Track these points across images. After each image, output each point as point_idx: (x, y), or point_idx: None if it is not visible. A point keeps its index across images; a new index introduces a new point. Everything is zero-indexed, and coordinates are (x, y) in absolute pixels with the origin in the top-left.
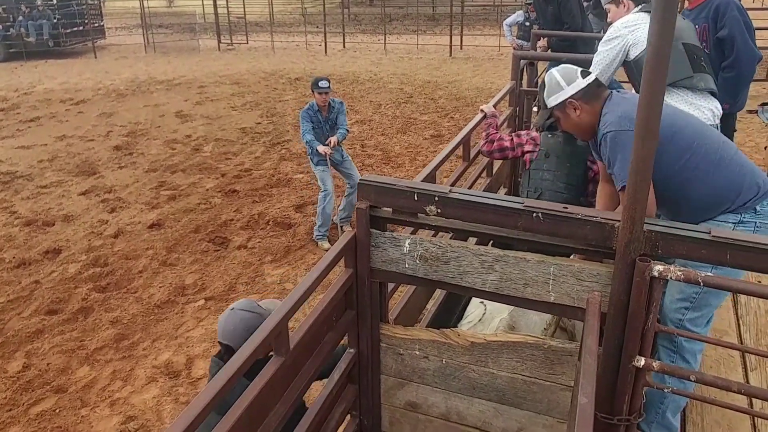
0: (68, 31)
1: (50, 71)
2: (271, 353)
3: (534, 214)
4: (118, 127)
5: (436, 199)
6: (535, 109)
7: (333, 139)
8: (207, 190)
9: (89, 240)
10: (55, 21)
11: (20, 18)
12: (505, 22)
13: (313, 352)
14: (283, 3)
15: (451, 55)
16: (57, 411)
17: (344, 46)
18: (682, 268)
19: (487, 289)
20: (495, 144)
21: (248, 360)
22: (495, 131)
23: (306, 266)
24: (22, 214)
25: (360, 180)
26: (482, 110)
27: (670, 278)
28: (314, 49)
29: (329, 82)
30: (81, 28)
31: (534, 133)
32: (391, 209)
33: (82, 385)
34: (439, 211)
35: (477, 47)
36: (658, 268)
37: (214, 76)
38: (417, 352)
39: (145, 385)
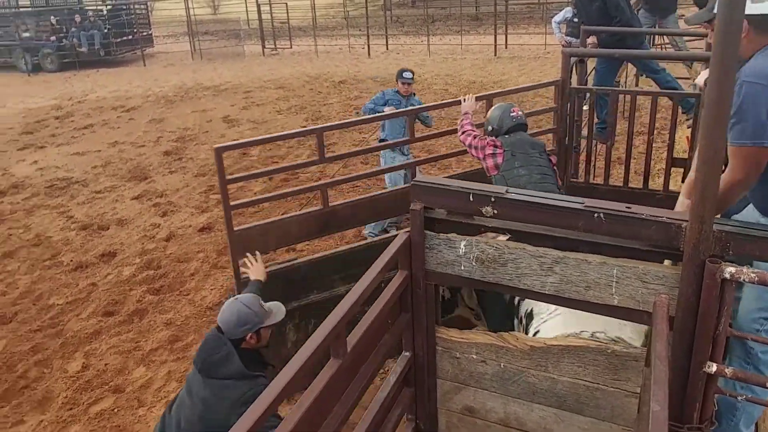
0: (118, 40)
1: (102, 80)
2: None
3: (595, 215)
4: (167, 132)
5: (493, 200)
6: (585, 107)
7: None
8: (255, 193)
9: (142, 243)
10: (105, 31)
11: (73, 29)
12: (553, 20)
13: (370, 355)
14: (326, 7)
15: (495, 55)
16: (115, 410)
17: (387, 48)
18: (757, 270)
19: (546, 292)
20: (469, 137)
21: (307, 362)
22: (468, 124)
23: None
24: (78, 218)
25: (414, 181)
26: (463, 99)
27: (743, 280)
28: (357, 51)
29: (413, 74)
30: (130, 37)
31: (490, 139)
32: (445, 211)
33: (138, 386)
34: (495, 212)
35: (522, 46)
36: (729, 269)
37: (259, 81)
38: (474, 356)
39: None
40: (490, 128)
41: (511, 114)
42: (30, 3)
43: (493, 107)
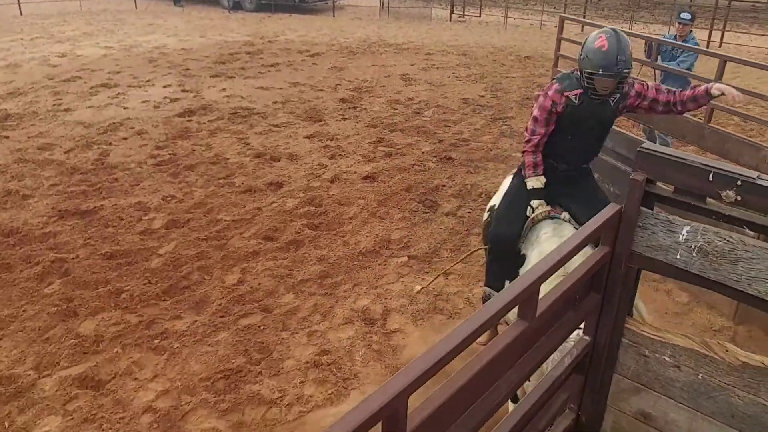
0: None
1: (293, 24)
2: None
3: None
4: (345, 81)
5: (739, 183)
6: None
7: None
8: (423, 152)
9: (308, 180)
10: None
11: None
12: None
13: (553, 327)
14: None
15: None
16: (261, 328)
17: (582, 30)
18: None
19: None
20: None
21: (495, 316)
22: None
23: None
24: (254, 146)
25: (640, 148)
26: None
27: None
28: (549, 29)
29: (692, 16)
30: None
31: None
32: (672, 187)
33: (285, 310)
34: (738, 198)
35: (739, 47)
36: None
37: (442, 45)
38: (667, 359)
39: (341, 325)
40: None
41: None
42: None
43: None
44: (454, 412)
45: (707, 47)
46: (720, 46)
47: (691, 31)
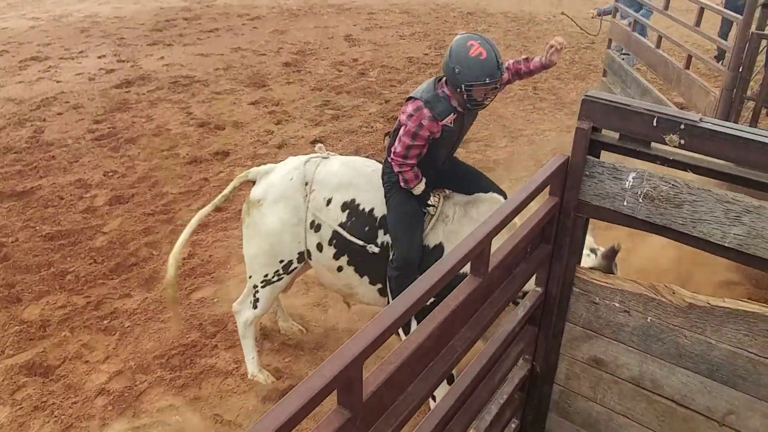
0: None
1: None
2: None
3: None
4: (288, 44)
5: (682, 127)
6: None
7: None
8: (370, 114)
9: (254, 147)
10: None
11: None
12: None
13: (505, 281)
14: None
15: None
16: (215, 300)
17: None
18: None
19: (726, 244)
20: None
21: (446, 275)
22: None
23: None
24: (197, 115)
25: (585, 95)
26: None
27: None
28: None
29: None
30: None
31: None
32: (617, 134)
33: (238, 281)
34: (682, 142)
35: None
36: None
37: (385, 4)
38: (617, 304)
39: (297, 293)
40: None
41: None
42: None
43: None
44: (410, 375)
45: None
46: None
47: None
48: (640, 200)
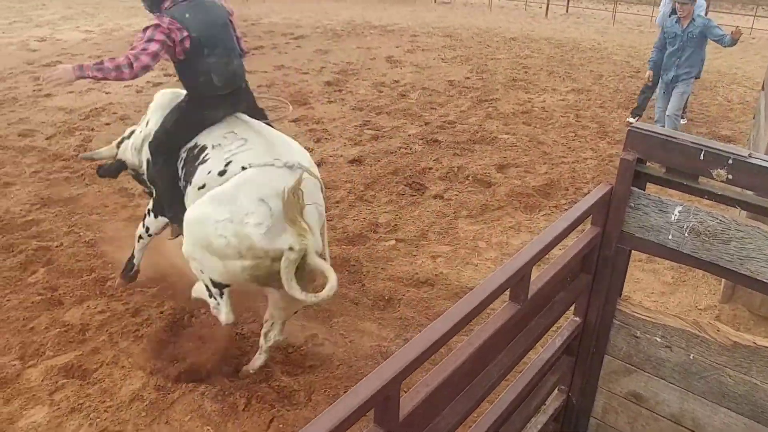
0: None
1: (276, 7)
2: None
3: None
4: (331, 64)
5: (730, 162)
6: None
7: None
8: (409, 135)
9: None
10: None
11: None
12: None
13: (544, 308)
14: None
15: None
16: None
17: (567, 11)
18: None
19: None
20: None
21: (486, 300)
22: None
23: (502, 228)
24: None
25: (631, 127)
26: None
27: None
28: (534, 10)
29: None
30: None
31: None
32: (664, 167)
33: None
34: (730, 177)
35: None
36: None
37: (427, 27)
38: (658, 339)
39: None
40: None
41: None
42: None
43: None
44: (446, 397)
45: None
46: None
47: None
48: (686, 234)
